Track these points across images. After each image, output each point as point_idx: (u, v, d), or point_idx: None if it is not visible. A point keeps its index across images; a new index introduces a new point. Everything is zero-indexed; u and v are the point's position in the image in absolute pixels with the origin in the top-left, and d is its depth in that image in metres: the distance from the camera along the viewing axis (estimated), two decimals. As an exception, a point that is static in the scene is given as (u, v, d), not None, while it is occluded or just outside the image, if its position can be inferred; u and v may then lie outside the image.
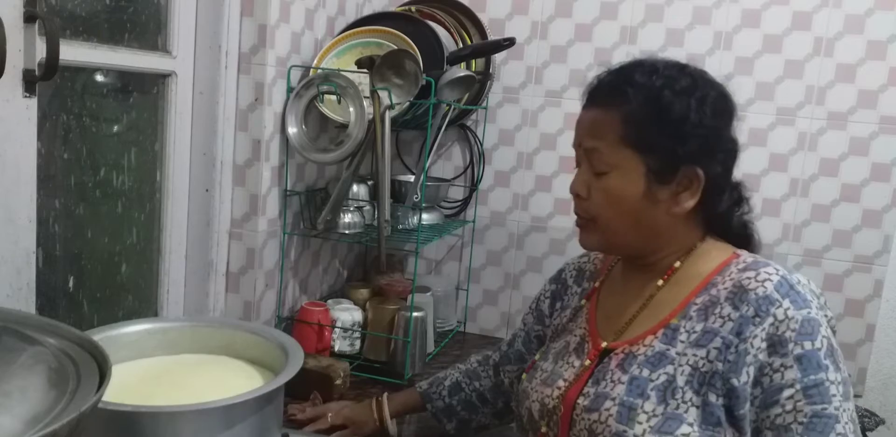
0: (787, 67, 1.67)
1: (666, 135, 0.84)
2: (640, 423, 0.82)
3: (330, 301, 1.59)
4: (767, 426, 0.80)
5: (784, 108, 1.69)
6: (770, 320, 0.81)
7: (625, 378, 0.86)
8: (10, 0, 0.91)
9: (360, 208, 1.54)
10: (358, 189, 1.56)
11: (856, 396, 1.71)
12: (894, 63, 1.62)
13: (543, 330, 1.10)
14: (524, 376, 1.01)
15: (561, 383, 0.93)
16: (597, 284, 1.03)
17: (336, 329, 1.51)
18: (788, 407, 0.79)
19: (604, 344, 0.93)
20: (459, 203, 1.87)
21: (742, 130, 1.69)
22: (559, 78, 1.77)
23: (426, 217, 1.69)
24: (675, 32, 1.71)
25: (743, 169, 1.67)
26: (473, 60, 1.62)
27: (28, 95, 0.95)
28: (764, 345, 0.80)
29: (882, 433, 1.62)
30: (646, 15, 1.71)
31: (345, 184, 1.46)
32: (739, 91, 1.67)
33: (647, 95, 0.85)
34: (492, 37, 1.70)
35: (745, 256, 0.90)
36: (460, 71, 1.45)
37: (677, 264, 0.91)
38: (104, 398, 0.61)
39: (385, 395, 1.22)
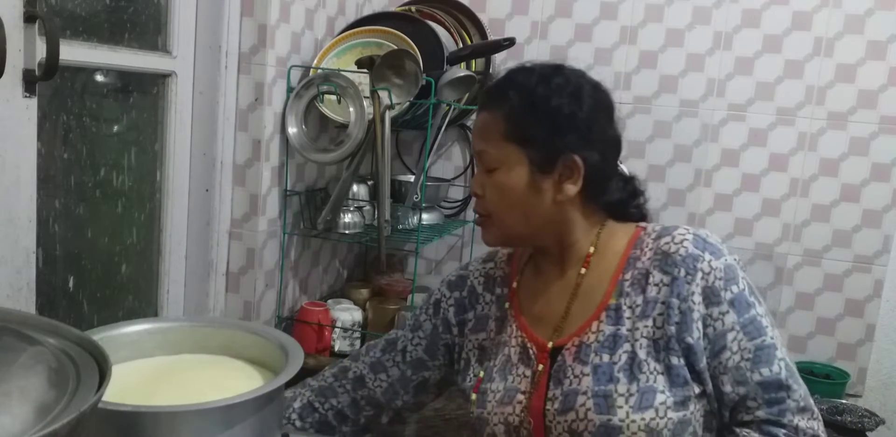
0: (787, 67, 1.67)
1: (543, 127, 0.89)
2: (621, 407, 0.84)
3: (330, 301, 1.59)
4: (722, 371, 0.86)
5: (784, 108, 1.69)
6: (700, 274, 0.86)
7: (587, 369, 0.87)
8: (10, 0, 0.91)
9: (360, 208, 1.54)
10: (358, 189, 1.56)
11: (856, 396, 1.72)
12: (894, 63, 1.62)
13: (451, 339, 1.05)
14: (473, 402, 0.97)
15: (520, 396, 0.92)
16: (514, 286, 1.01)
17: (336, 329, 1.51)
18: (735, 348, 0.85)
19: (550, 344, 0.92)
20: (459, 203, 1.87)
21: (742, 130, 1.71)
22: (559, 78, 1.77)
23: (426, 217, 1.69)
24: (675, 32, 1.71)
25: (743, 169, 1.72)
26: (473, 60, 1.62)
27: (28, 95, 0.95)
28: (700, 299, 0.86)
29: (882, 433, 1.62)
30: (646, 15, 1.71)
31: (345, 184, 1.46)
32: (739, 91, 1.70)
33: (524, 92, 0.90)
34: (492, 37, 1.70)
35: (651, 226, 0.95)
36: (460, 71, 1.45)
37: (591, 249, 0.94)
38: (104, 398, 0.60)
39: None
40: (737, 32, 1.68)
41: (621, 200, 0.96)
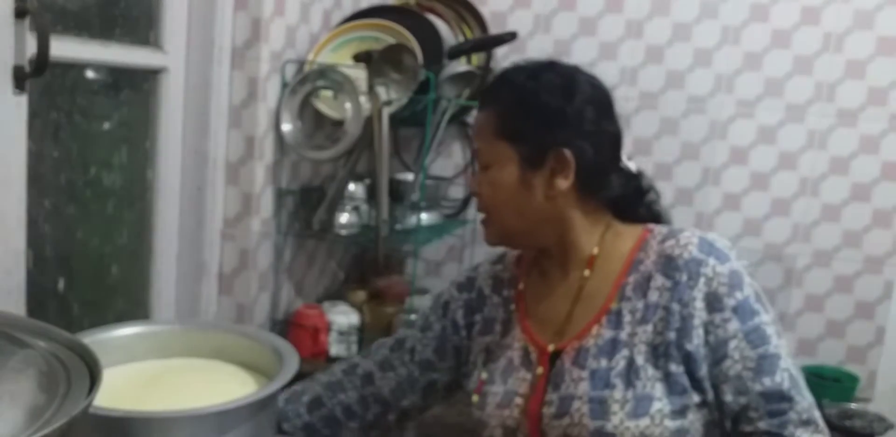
0: (796, 63, 1.66)
1: (531, 122, 0.90)
2: (615, 413, 0.84)
3: (326, 304, 1.58)
4: (723, 380, 0.84)
5: (793, 105, 1.68)
6: (703, 279, 0.85)
7: (584, 374, 0.87)
8: (0, -4, 0.90)
9: (356, 208, 1.52)
10: (355, 188, 1.54)
11: (865, 400, 1.70)
12: (905, 59, 1.61)
13: (461, 341, 1.06)
14: (475, 404, 0.97)
15: (518, 400, 0.92)
16: (520, 288, 1.02)
17: (332, 333, 1.50)
18: (736, 356, 0.84)
19: (551, 347, 0.93)
20: (459, 203, 1.85)
21: (751, 127, 1.70)
22: (562, 74, 1.75)
23: (425, 217, 1.67)
24: (682, 27, 1.69)
25: (752, 167, 1.70)
26: (474, 55, 1.61)
27: (18, 91, 0.94)
28: (703, 305, 0.85)
29: (892, 437, 1.60)
30: (652, 8, 1.70)
31: (341, 182, 1.44)
32: (748, 87, 1.68)
33: (514, 89, 0.92)
34: (493, 31, 1.68)
35: (658, 228, 0.94)
36: (460, 66, 1.45)
37: (595, 250, 0.93)
38: (95, 403, 0.60)
39: None
40: (745, 27, 1.67)
41: (625, 198, 0.95)
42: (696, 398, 0.84)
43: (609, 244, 0.94)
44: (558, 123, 0.89)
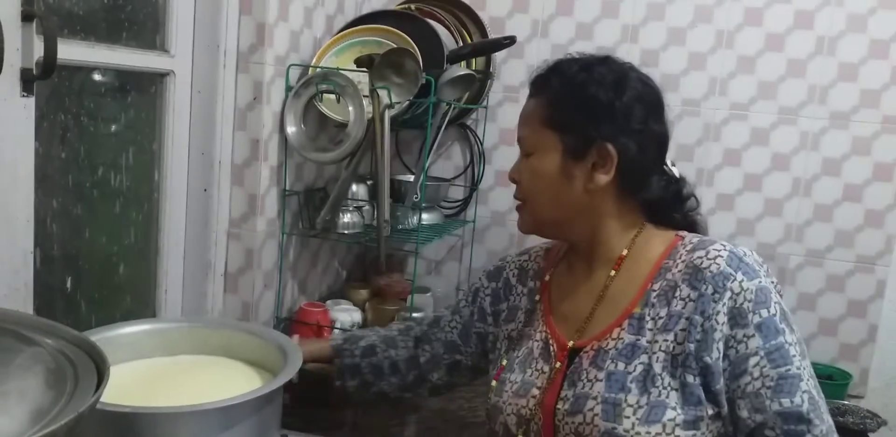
0: (790, 66, 1.67)
1: (579, 114, 0.90)
2: (628, 417, 0.83)
3: (329, 302, 1.58)
4: (739, 396, 0.83)
5: (786, 107, 1.68)
6: (728, 294, 0.83)
7: (601, 375, 0.87)
8: (8, -1, 0.90)
9: (359, 208, 1.54)
10: (357, 189, 1.55)
11: (858, 397, 1.71)
12: (897, 62, 1.62)
13: (486, 328, 1.08)
14: (492, 389, 0.99)
15: (535, 391, 0.92)
16: (546, 279, 1.02)
17: (335, 330, 1.50)
18: (756, 374, 0.82)
19: (570, 343, 0.93)
20: (459, 203, 1.86)
21: (744, 129, 1.71)
22: (560, 77, 1.76)
23: (426, 217, 1.68)
24: (676, 31, 1.70)
25: (745, 169, 1.72)
26: (474, 59, 1.62)
27: (26, 94, 0.94)
28: (726, 319, 0.83)
29: (884, 434, 1.61)
30: (647, 13, 1.71)
31: (344, 184, 1.45)
32: (741, 90, 1.69)
33: (566, 79, 0.92)
34: (492, 35, 1.69)
35: (690, 236, 0.93)
36: (460, 70, 1.45)
37: (624, 251, 0.93)
38: (102, 399, 0.61)
39: (296, 337, 1.24)
40: (739, 31, 1.68)
41: (662, 201, 0.94)
42: (710, 410, 0.83)
43: (639, 247, 0.93)
44: (606, 117, 0.88)
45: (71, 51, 1.07)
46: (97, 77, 1.20)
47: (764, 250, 1.73)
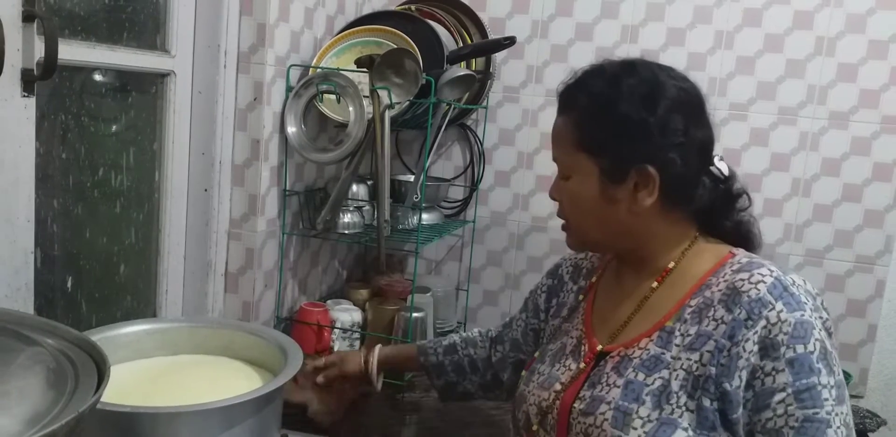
0: (789, 67, 1.67)
1: (611, 135, 0.85)
2: (636, 428, 0.81)
3: (329, 302, 1.58)
4: (759, 430, 0.79)
5: (785, 107, 1.68)
6: (762, 323, 0.79)
7: (620, 382, 0.86)
8: (8, -1, 0.90)
9: (359, 208, 1.54)
10: (357, 189, 1.55)
11: (857, 397, 1.71)
12: (896, 62, 1.62)
13: (539, 324, 1.10)
14: (522, 377, 1.00)
15: (557, 386, 0.92)
16: (593, 281, 1.02)
17: (335, 330, 1.51)
18: (780, 411, 0.78)
19: (599, 347, 0.92)
20: (459, 203, 1.86)
21: (743, 129, 1.71)
22: (560, 77, 1.74)
23: (426, 217, 1.69)
24: (676, 32, 1.70)
25: (744, 169, 1.72)
26: (473, 59, 1.62)
27: (26, 94, 0.94)
28: (756, 348, 0.79)
29: (883, 433, 1.62)
30: (647, 14, 1.71)
31: (344, 184, 1.45)
32: (741, 91, 1.69)
33: (593, 97, 0.87)
34: (492, 36, 1.70)
35: (741, 255, 0.89)
36: (460, 70, 1.45)
37: (671, 264, 0.90)
38: (103, 399, 0.61)
39: (378, 345, 1.25)
40: (738, 32, 1.68)
41: (712, 208, 0.90)
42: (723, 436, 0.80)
43: (687, 261, 0.90)
44: (641, 137, 0.84)
45: (72, 51, 1.07)
46: (98, 77, 1.20)
47: (764, 250, 1.72)
